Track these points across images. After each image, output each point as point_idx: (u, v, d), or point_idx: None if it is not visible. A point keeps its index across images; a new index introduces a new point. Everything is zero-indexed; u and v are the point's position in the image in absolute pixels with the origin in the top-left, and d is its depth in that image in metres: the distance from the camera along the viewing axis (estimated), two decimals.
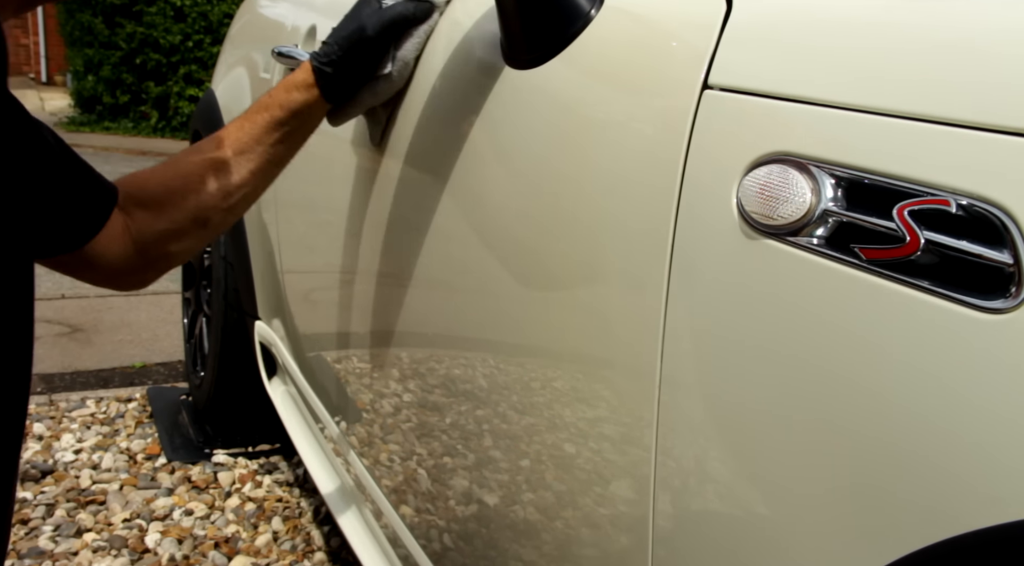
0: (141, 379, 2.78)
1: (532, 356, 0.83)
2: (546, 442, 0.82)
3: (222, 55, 2.36)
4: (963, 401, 0.46)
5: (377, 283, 1.20)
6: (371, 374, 1.25)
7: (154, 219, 0.92)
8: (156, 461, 2.22)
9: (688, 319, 0.64)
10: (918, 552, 0.48)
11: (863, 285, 0.52)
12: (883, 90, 0.54)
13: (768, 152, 0.59)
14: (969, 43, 0.52)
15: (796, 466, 0.56)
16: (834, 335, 0.53)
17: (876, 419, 0.51)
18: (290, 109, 1.00)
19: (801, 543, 0.56)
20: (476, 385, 0.94)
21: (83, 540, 1.86)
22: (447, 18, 1.05)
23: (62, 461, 2.19)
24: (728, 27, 0.66)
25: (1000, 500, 0.45)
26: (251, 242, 1.96)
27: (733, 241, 0.60)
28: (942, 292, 0.48)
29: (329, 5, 1.62)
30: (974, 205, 0.47)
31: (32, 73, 13.30)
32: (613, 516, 0.73)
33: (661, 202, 0.67)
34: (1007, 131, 0.46)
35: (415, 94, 1.08)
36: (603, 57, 0.80)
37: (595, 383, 0.75)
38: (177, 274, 2.89)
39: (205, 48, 8.46)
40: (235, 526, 1.95)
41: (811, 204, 0.55)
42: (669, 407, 0.66)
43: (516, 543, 0.90)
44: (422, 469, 1.10)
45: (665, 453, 0.66)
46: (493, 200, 0.92)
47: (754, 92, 0.62)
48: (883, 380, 0.50)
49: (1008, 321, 0.45)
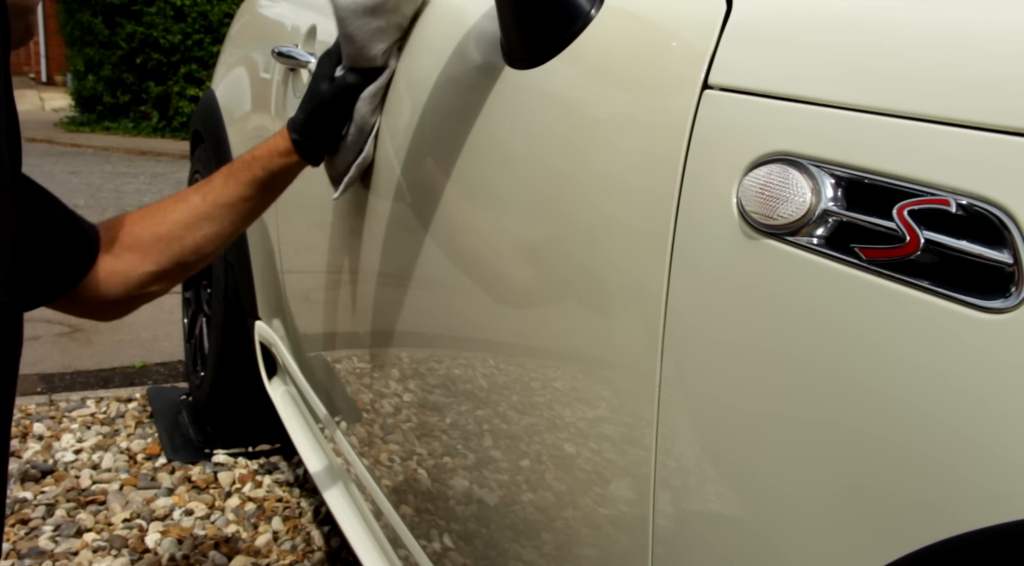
0: (141, 379, 2.78)
1: (532, 356, 0.83)
2: (546, 442, 0.82)
3: (222, 55, 2.36)
4: (963, 401, 0.46)
5: (377, 283, 1.20)
6: (371, 374, 1.25)
7: (140, 262, 1.03)
8: (156, 461, 2.22)
9: (688, 319, 0.64)
10: (918, 552, 0.48)
11: (863, 285, 0.52)
12: (883, 90, 0.54)
13: (768, 152, 0.59)
14: (969, 42, 0.52)
15: (796, 466, 0.56)
16: (834, 335, 0.53)
17: (876, 419, 0.51)
18: (271, 171, 1.11)
19: (801, 543, 0.56)
20: (476, 385, 0.94)
21: (83, 540, 1.86)
22: (446, 18, 1.05)
23: (62, 461, 2.19)
24: (728, 27, 0.66)
25: (1001, 500, 0.45)
26: (251, 242, 1.96)
27: (733, 241, 0.60)
28: (942, 292, 0.48)
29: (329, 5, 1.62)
30: (974, 205, 0.47)
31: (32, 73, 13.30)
32: (613, 516, 0.73)
33: (661, 202, 0.67)
34: (1007, 131, 0.46)
35: (415, 94, 1.08)
36: (603, 57, 0.79)
37: (595, 383, 0.75)
38: None
39: (205, 47, 8.47)
40: (235, 526, 1.95)
41: (811, 204, 0.55)
42: (669, 407, 0.66)
43: (516, 543, 0.90)
44: (422, 469, 1.10)
45: (665, 453, 0.66)
46: (493, 200, 0.92)
47: (754, 92, 0.62)
48: (883, 380, 0.50)
49: (1008, 321, 0.45)
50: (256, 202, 1.11)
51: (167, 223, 1.05)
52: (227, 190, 1.08)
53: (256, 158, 1.11)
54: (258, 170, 1.09)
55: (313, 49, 1.57)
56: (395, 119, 1.13)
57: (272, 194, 1.14)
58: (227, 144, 2.09)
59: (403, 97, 1.12)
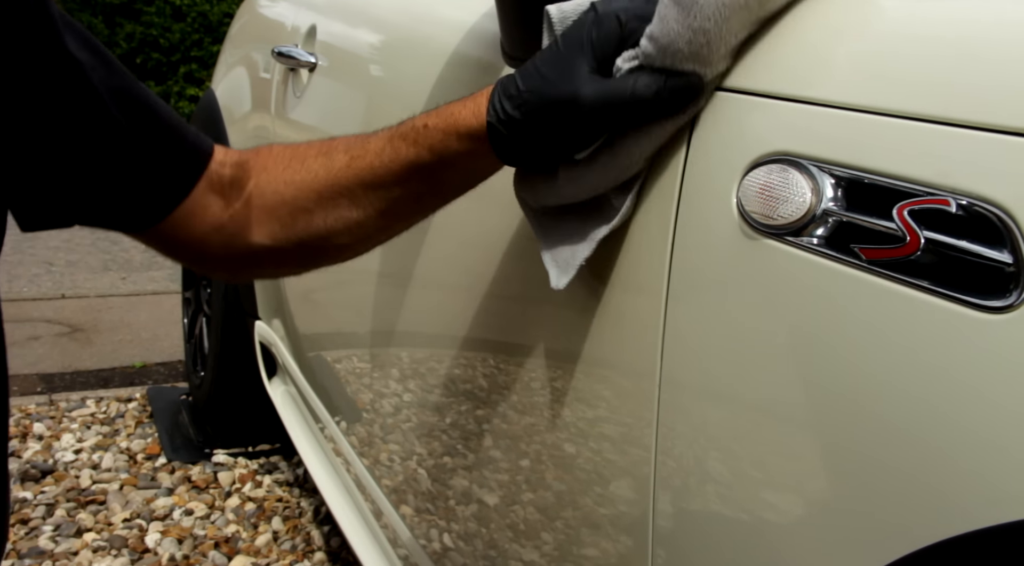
0: (141, 379, 2.78)
1: (532, 356, 0.83)
2: (546, 442, 0.82)
3: (222, 55, 2.36)
4: (964, 400, 0.46)
5: (377, 283, 1.20)
6: (371, 374, 1.25)
7: (251, 225, 0.77)
8: (156, 461, 2.22)
9: (688, 319, 0.64)
10: (918, 552, 0.48)
11: (863, 285, 0.52)
12: (883, 90, 0.54)
13: (768, 152, 0.59)
14: (970, 42, 0.52)
15: (796, 466, 0.56)
16: (834, 335, 0.53)
17: (876, 419, 0.51)
18: (441, 156, 0.72)
19: (801, 543, 0.56)
20: (476, 385, 0.94)
21: (83, 540, 1.86)
22: (446, 18, 1.05)
23: (62, 461, 2.19)
24: None
25: (1001, 500, 0.44)
26: None
27: (733, 241, 0.60)
28: (942, 292, 0.48)
29: (329, 5, 1.62)
30: (974, 205, 0.47)
31: None
32: (613, 516, 0.73)
33: (661, 202, 0.67)
34: (1007, 131, 0.46)
35: (414, 93, 1.08)
36: None
37: (595, 383, 0.75)
38: (177, 274, 2.89)
39: (205, 47, 8.47)
40: (235, 526, 1.95)
41: (811, 204, 0.55)
42: (669, 407, 0.66)
43: (516, 543, 0.90)
44: (422, 469, 1.10)
45: (665, 453, 0.66)
46: (493, 199, 0.92)
47: (754, 92, 0.62)
48: (883, 380, 0.50)
49: (1008, 320, 0.45)
50: (416, 195, 0.75)
51: (295, 183, 0.76)
52: (381, 162, 0.73)
53: (429, 130, 0.72)
54: (424, 150, 0.72)
55: (313, 49, 1.57)
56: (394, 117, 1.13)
57: (442, 191, 0.77)
58: (227, 144, 2.09)
59: (401, 94, 1.12)
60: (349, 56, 1.48)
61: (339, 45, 1.51)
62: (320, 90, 1.51)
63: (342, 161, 0.75)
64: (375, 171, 0.74)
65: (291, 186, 0.76)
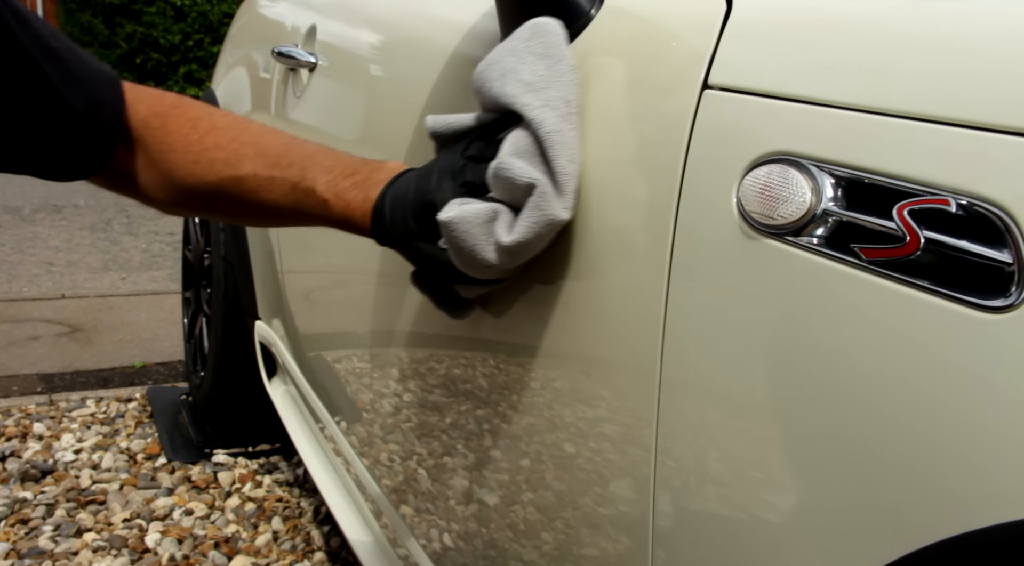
0: (141, 379, 2.78)
1: (532, 356, 0.83)
2: (546, 442, 0.82)
3: (222, 55, 2.36)
4: (964, 400, 0.46)
5: (377, 283, 1.20)
6: (371, 374, 1.25)
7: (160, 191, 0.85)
8: (156, 461, 2.22)
9: (688, 319, 0.64)
10: (918, 552, 0.48)
11: (863, 285, 0.52)
12: (883, 89, 0.54)
13: (768, 152, 0.59)
14: (969, 42, 0.52)
15: (796, 466, 0.56)
16: (834, 335, 0.53)
17: (876, 418, 0.51)
18: (323, 221, 0.86)
19: (801, 543, 0.56)
20: (476, 385, 0.94)
21: (83, 540, 1.86)
22: (446, 18, 1.05)
23: (62, 461, 2.19)
24: (728, 26, 0.66)
25: (1001, 500, 0.45)
26: (251, 242, 1.96)
27: (733, 241, 0.60)
28: (942, 291, 0.48)
29: (329, 5, 1.62)
30: (974, 205, 0.47)
31: None
32: (613, 516, 0.73)
33: (661, 201, 0.67)
34: (1007, 131, 0.46)
35: (413, 93, 1.08)
36: (603, 57, 0.79)
37: (595, 383, 0.75)
38: (177, 274, 2.89)
39: (205, 48, 8.47)
40: (235, 526, 1.95)
41: (811, 204, 0.55)
42: (669, 407, 0.66)
43: (516, 543, 0.90)
44: (422, 469, 1.10)
45: (665, 453, 0.66)
46: None
47: (754, 91, 0.62)
48: (883, 379, 0.50)
49: (1008, 320, 0.45)
50: (273, 222, 0.96)
51: (196, 175, 0.84)
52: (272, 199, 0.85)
53: (323, 202, 0.84)
54: (310, 215, 0.85)
55: (313, 49, 1.57)
56: (394, 117, 1.13)
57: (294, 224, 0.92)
58: None
59: (401, 94, 1.12)
60: (349, 56, 1.48)
61: (339, 45, 1.51)
62: (320, 90, 1.51)
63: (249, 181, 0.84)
64: (264, 206, 0.85)
65: (191, 177, 0.84)
